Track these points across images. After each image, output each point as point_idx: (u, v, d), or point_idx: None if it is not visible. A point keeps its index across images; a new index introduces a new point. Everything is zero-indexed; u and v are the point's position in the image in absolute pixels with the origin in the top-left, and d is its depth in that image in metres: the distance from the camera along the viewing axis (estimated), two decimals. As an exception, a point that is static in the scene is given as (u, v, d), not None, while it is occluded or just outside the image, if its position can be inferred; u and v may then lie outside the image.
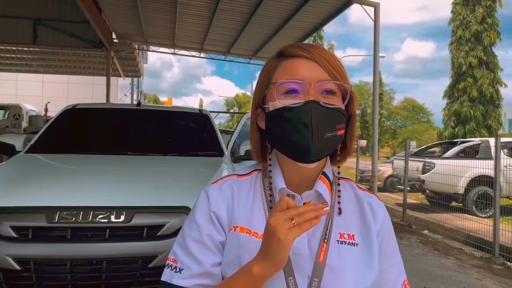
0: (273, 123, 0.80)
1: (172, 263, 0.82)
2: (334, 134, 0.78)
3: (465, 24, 24.44)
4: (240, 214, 0.83)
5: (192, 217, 0.85)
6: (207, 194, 0.86)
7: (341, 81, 0.80)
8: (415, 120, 50.27)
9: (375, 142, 8.66)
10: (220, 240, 0.81)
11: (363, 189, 0.92)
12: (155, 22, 11.33)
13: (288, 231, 0.66)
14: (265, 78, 0.84)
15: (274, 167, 0.85)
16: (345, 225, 0.84)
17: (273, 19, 10.40)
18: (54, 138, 3.37)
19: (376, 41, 8.19)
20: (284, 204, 0.68)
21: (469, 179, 8.21)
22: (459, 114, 24.33)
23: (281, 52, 0.84)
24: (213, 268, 0.80)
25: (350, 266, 0.79)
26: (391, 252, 0.88)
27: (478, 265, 5.06)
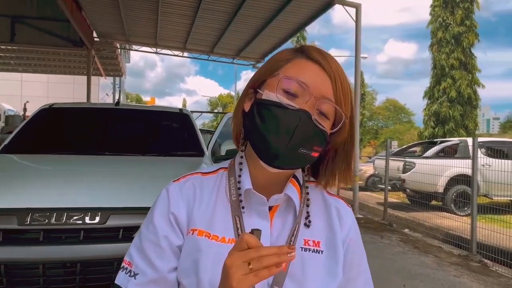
0: (258, 111, 0.75)
1: (127, 266, 0.78)
2: (307, 153, 0.74)
3: (445, 26, 24.91)
4: (199, 216, 0.78)
5: (150, 217, 0.80)
6: (168, 193, 0.81)
7: (342, 108, 0.76)
8: (397, 120, 50.99)
9: (356, 142, 8.72)
10: (177, 244, 0.77)
11: (332, 194, 0.88)
12: (137, 21, 11.20)
13: (243, 278, 0.59)
14: (274, 65, 0.79)
15: (244, 165, 0.81)
16: (311, 232, 0.80)
17: (256, 19, 10.41)
18: (29, 138, 3.29)
19: (357, 42, 8.26)
20: (244, 244, 0.60)
21: (448, 178, 8.35)
22: (438, 114, 24.79)
23: (301, 49, 0.80)
24: (170, 274, 0.76)
25: (313, 274, 0.76)
26: (358, 260, 0.86)
27: (456, 262, 5.15)
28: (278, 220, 0.79)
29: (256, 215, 0.78)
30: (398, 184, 9.30)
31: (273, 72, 0.77)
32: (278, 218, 0.79)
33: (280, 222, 0.79)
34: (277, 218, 0.79)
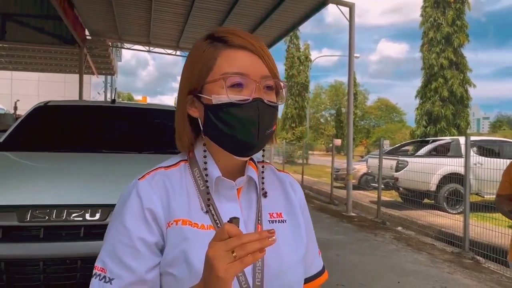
0: (216, 117, 0.77)
1: (100, 272, 0.75)
2: (271, 130, 0.81)
3: (436, 26, 25.15)
4: (178, 207, 0.78)
5: (120, 220, 0.77)
6: (137, 191, 0.79)
7: (278, 77, 0.81)
8: (388, 119, 51.36)
9: (350, 141, 8.79)
10: (154, 241, 0.76)
11: (282, 170, 0.97)
12: (129, 19, 11.14)
13: (229, 266, 0.60)
14: (205, 66, 0.79)
15: (207, 156, 0.83)
16: (272, 206, 0.86)
17: (249, 18, 10.41)
18: (25, 136, 3.26)
19: (351, 41, 8.31)
20: (225, 233, 0.61)
21: (440, 177, 8.45)
22: (430, 113, 25.03)
23: (217, 38, 0.80)
24: (148, 274, 0.75)
25: (284, 241, 0.82)
26: (309, 224, 0.94)
27: (449, 259, 5.21)
28: (243, 200, 0.84)
29: (225, 200, 0.81)
30: (391, 183, 9.36)
31: (208, 74, 0.79)
32: (243, 199, 0.84)
33: (246, 202, 0.84)
34: (243, 199, 0.84)
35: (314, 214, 8.30)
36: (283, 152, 17.73)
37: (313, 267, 0.94)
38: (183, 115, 0.83)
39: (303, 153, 15.02)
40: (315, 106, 51.91)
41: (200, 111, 0.81)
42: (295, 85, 32.37)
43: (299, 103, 32.29)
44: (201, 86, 0.79)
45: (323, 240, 6.02)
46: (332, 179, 10.77)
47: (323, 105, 53.36)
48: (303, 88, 32.77)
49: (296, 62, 32.83)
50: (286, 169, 9.33)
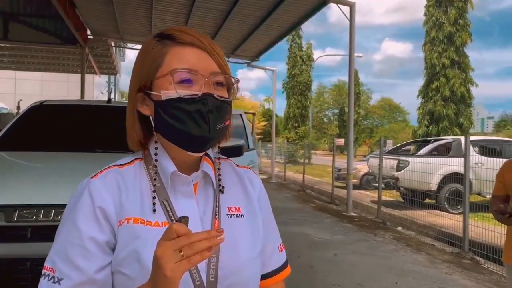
0: (165, 113, 0.78)
1: (49, 272, 0.74)
2: (224, 125, 0.81)
3: (438, 25, 25.03)
4: (130, 205, 0.78)
5: (71, 219, 0.77)
6: (89, 190, 0.78)
7: (228, 73, 0.82)
8: (392, 119, 51.20)
9: (350, 140, 8.75)
10: (105, 240, 0.76)
11: (241, 166, 0.97)
12: (130, 18, 11.14)
13: (176, 265, 0.60)
14: (153, 63, 0.79)
15: (161, 154, 0.82)
16: (231, 200, 0.87)
17: (250, 17, 10.39)
18: (20, 135, 3.26)
19: (351, 40, 8.28)
20: (173, 233, 0.61)
21: (441, 177, 8.40)
22: (432, 113, 24.89)
23: (166, 36, 0.81)
24: (97, 274, 0.74)
25: (241, 236, 0.82)
26: (269, 218, 0.94)
27: (448, 260, 5.18)
28: (200, 196, 0.84)
29: (182, 195, 0.81)
30: (392, 183, 9.32)
31: (157, 70, 0.79)
32: (200, 194, 0.84)
33: (202, 198, 0.84)
34: (199, 194, 0.84)
35: (314, 214, 8.28)
36: (285, 151, 17.71)
37: (272, 263, 0.92)
38: (133, 113, 0.84)
39: (304, 152, 14.98)
40: (318, 105, 51.84)
41: (150, 108, 0.81)
42: (298, 84, 32.31)
43: (301, 102, 32.21)
44: (150, 83, 0.80)
45: (321, 240, 6.00)
46: (333, 178, 10.73)
47: (326, 104, 53.27)
48: (305, 87, 32.70)
49: (299, 61, 32.77)
50: (288, 169, 9.40)
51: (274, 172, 15.94)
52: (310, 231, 6.57)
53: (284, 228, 6.70)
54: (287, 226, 6.85)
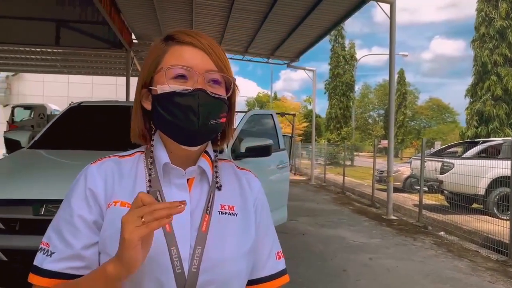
0: (160, 106, 0.82)
1: (45, 247, 0.81)
2: (217, 122, 0.83)
3: (488, 20, 23.71)
4: (121, 190, 0.83)
5: (68, 198, 0.85)
6: (85, 173, 0.86)
7: (226, 73, 0.84)
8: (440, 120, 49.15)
9: (390, 142, 8.49)
10: (93, 219, 0.81)
11: (242, 168, 0.99)
12: (172, 22, 11.44)
13: (135, 229, 0.65)
14: (154, 61, 0.84)
15: (158, 145, 0.86)
16: (226, 198, 0.89)
17: (289, 17, 10.36)
18: (58, 135, 3.43)
19: (392, 38, 8.03)
20: (139, 201, 0.67)
21: (490, 180, 7.95)
22: (482, 113, 23.59)
23: (170, 37, 0.86)
24: (84, 250, 0.79)
25: (230, 233, 0.84)
26: (266, 222, 0.95)
27: (492, 268, 4.89)
28: (195, 190, 0.86)
29: (175, 188, 0.84)
30: (435, 186, 8.94)
31: (156, 67, 0.84)
32: (195, 189, 0.86)
33: (197, 192, 0.86)
34: (194, 188, 0.86)
35: (352, 217, 8.11)
36: (325, 153, 17.47)
37: (266, 268, 0.92)
38: (136, 108, 0.89)
39: (344, 154, 14.71)
40: (362, 106, 50.76)
41: (151, 103, 0.85)
42: (340, 84, 31.80)
43: (344, 103, 31.69)
44: (151, 79, 0.84)
45: (357, 243, 5.86)
46: (373, 181, 10.45)
47: (371, 105, 52.05)
48: (348, 87, 32.12)
49: (341, 61, 32.24)
50: (328, 171, 9.23)
51: (314, 173, 15.77)
52: (347, 234, 6.43)
53: (320, 230, 6.62)
54: (323, 228, 6.75)
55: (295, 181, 15.32)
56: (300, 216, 7.74)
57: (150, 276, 0.76)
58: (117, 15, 10.76)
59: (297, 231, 6.40)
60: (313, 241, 5.85)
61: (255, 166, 4.14)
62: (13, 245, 1.96)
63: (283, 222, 4.93)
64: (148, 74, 0.85)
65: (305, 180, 16.21)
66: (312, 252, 5.32)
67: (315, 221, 7.33)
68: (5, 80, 26.99)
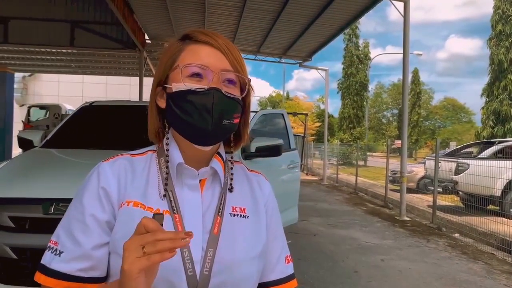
0: (174, 104, 0.81)
1: (53, 246, 0.80)
2: (230, 122, 0.82)
3: (504, 18, 23.25)
4: (133, 190, 0.82)
5: (79, 196, 0.83)
6: (98, 171, 0.84)
7: (241, 73, 0.83)
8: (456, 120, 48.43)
9: (404, 142, 8.38)
10: (105, 219, 0.79)
11: (253, 170, 0.99)
12: (185, 22, 11.49)
13: (135, 260, 0.61)
14: (170, 59, 0.84)
15: (171, 145, 0.85)
16: (237, 200, 0.88)
17: (301, 17, 10.31)
18: (70, 134, 3.47)
19: (405, 37, 7.93)
20: (142, 228, 0.62)
21: (506, 181, 7.79)
22: (498, 113, 23.12)
23: (187, 36, 0.85)
24: (94, 250, 0.78)
25: (241, 236, 0.83)
26: (275, 225, 0.94)
27: (508, 271, 4.79)
28: (207, 192, 0.85)
29: (187, 188, 0.84)
30: (450, 187, 8.79)
31: (172, 65, 0.83)
32: (207, 190, 0.86)
33: (209, 193, 0.85)
34: (206, 190, 0.86)
35: (365, 218, 8.03)
36: (338, 153, 17.35)
37: (275, 272, 0.92)
38: (152, 106, 0.88)
39: (357, 154, 14.58)
40: (376, 106, 50.30)
41: (165, 101, 0.85)
42: (354, 84, 31.55)
43: (357, 102, 31.40)
44: (166, 77, 0.84)
45: (369, 244, 5.80)
46: (386, 181, 10.33)
47: (384, 104, 51.55)
48: (361, 87, 31.84)
49: (355, 60, 31.99)
50: (341, 171, 9.19)
51: (326, 174, 15.67)
52: (359, 235, 6.37)
53: (331, 231, 6.56)
54: (334, 229, 6.70)
55: (307, 181, 15.25)
56: (312, 217, 7.69)
57: (161, 278, 0.74)
58: (130, 15, 10.85)
59: (309, 232, 6.36)
60: (325, 242, 5.81)
61: (266, 166, 4.12)
62: (22, 244, 1.98)
63: (294, 223, 4.90)
64: (164, 72, 0.84)
65: (318, 180, 16.12)
66: (323, 253, 5.28)
67: (327, 222, 7.27)
68: (22, 80, 27.44)
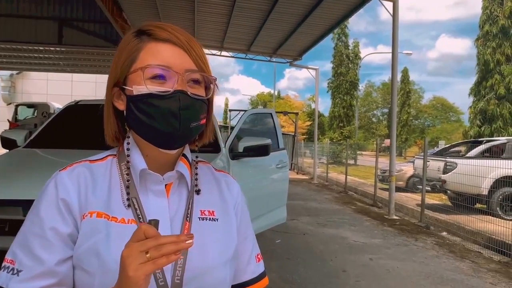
0: (137, 108, 0.76)
1: (9, 265, 0.73)
2: (198, 124, 0.79)
3: (492, 19, 23.52)
4: (95, 200, 0.77)
5: (35, 210, 0.76)
6: (55, 182, 0.78)
7: (206, 72, 0.80)
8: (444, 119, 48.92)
9: (393, 141, 8.43)
10: (67, 232, 0.74)
11: (220, 170, 0.96)
12: (174, 20, 11.42)
13: (140, 266, 0.60)
14: (128, 59, 0.78)
15: (133, 150, 0.81)
16: (205, 203, 0.85)
17: (291, 16, 10.31)
18: (55, 134, 3.41)
19: (394, 37, 7.97)
20: (142, 234, 0.61)
21: (493, 180, 7.88)
22: (485, 112, 23.39)
23: (144, 31, 0.79)
24: (59, 266, 0.73)
25: (212, 240, 0.81)
26: (245, 226, 0.92)
27: (495, 269, 4.84)
28: (174, 197, 0.82)
29: (153, 194, 0.80)
30: (438, 185, 8.87)
31: (130, 66, 0.78)
32: (173, 195, 0.82)
33: (175, 198, 0.82)
34: (172, 194, 0.82)
35: (354, 217, 8.06)
36: (327, 152, 17.40)
37: (248, 272, 0.90)
38: (108, 108, 0.83)
39: (346, 153, 14.64)
40: (366, 105, 50.58)
41: (124, 103, 0.80)
42: (344, 83, 31.67)
43: (347, 101, 31.50)
44: (125, 78, 0.79)
45: (358, 244, 5.81)
46: (376, 180, 10.39)
47: (374, 103, 51.86)
48: (351, 86, 31.98)
49: (345, 60, 32.12)
50: (331, 170, 9.22)
51: (317, 173, 15.71)
52: (347, 234, 6.38)
53: (320, 230, 6.57)
54: (323, 228, 6.71)
55: (297, 180, 15.28)
56: (302, 216, 7.70)
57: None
58: (119, 13, 10.75)
59: (298, 231, 6.36)
60: (314, 241, 5.81)
61: (254, 166, 4.10)
62: (2, 246, 1.93)
63: (283, 222, 4.89)
64: (122, 72, 0.78)
65: (308, 179, 16.16)
66: (312, 252, 5.28)
67: (316, 221, 7.28)
68: (9, 78, 27.07)
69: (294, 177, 15.90)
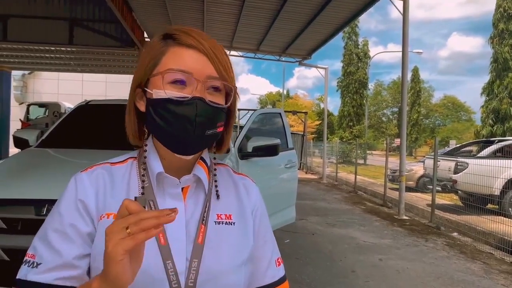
0: (155, 112, 0.76)
1: (30, 259, 0.75)
2: (214, 131, 0.78)
3: (506, 16, 23.19)
4: (113, 201, 0.78)
5: (57, 207, 0.79)
6: (76, 182, 0.81)
7: (227, 80, 0.79)
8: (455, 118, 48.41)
9: (403, 140, 8.36)
10: (87, 231, 0.76)
11: (238, 173, 0.96)
12: (184, 20, 11.45)
13: (119, 241, 0.58)
14: (151, 61, 0.79)
15: (150, 152, 0.82)
16: (222, 207, 0.85)
17: (301, 15, 10.28)
18: (66, 133, 3.44)
19: (404, 35, 7.90)
20: (124, 210, 0.60)
21: (505, 180, 7.78)
22: (498, 111, 23.10)
23: (169, 36, 0.80)
24: (76, 260, 0.74)
25: (227, 244, 0.81)
26: (264, 230, 0.91)
27: (507, 270, 4.78)
28: (190, 200, 0.82)
29: (169, 197, 0.80)
30: (449, 185, 8.78)
31: (153, 69, 0.78)
32: (190, 198, 0.82)
33: (192, 202, 0.82)
34: (189, 198, 0.82)
35: (363, 216, 8.02)
36: (337, 151, 17.33)
37: (267, 276, 0.90)
38: (131, 108, 0.84)
39: (356, 152, 14.57)
40: (376, 103, 50.25)
41: (145, 105, 0.81)
42: (353, 82, 31.50)
43: (356, 100, 31.37)
44: (147, 80, 0.80)
45: (367, 244, 5.78)
46: (385, 180, 10.32)
47: (384, 102, 51.50)
48: (361, 85, 31.79)
49: (354, 59, 31.94)
50: (341, 170, 9.17)
51: (326, 172, 15.66)
52: (357, 234, 6.35)
53: (329, 230, 6.55)
54: (333, 228, 6.69)
55: (306, 179, 15.24)
56: (311, 216, 7.68)
57: None
58: (129, 13, 10.82)
59: (307, 231, 6.35)
60: (323, 241, 5.80)
61: (263, 166, 4.10)
62: (15, 245, 1.96)
63: (292, 222, 4.88)
64: (145, 74, 0.80)
65: (317, 178, 16.11)
66: (321, 252, 5.27)
67: (325, 221, 7.26)
68: (21, 78, 27.42)
69: (303, 177, 15.87)
